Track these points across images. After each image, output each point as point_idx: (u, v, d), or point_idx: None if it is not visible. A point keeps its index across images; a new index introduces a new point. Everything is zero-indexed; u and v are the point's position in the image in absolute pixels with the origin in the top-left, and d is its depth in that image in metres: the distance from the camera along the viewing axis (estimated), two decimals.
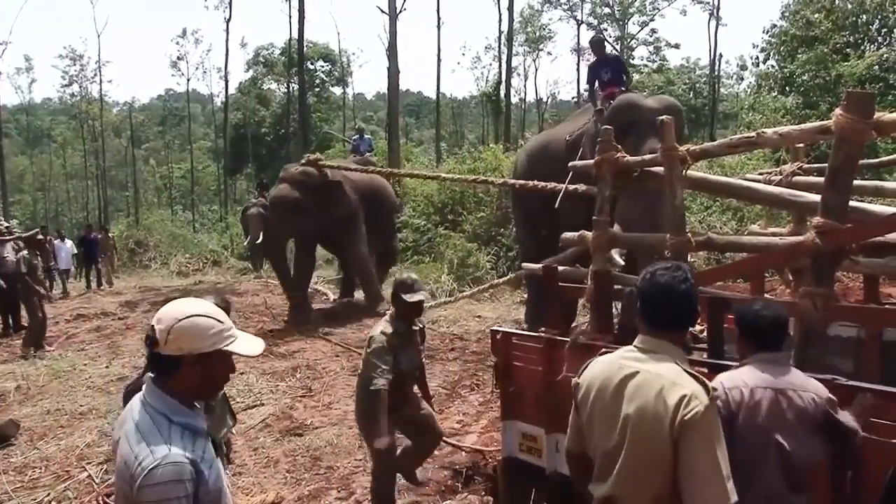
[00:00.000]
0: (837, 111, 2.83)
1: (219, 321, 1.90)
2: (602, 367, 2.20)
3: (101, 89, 46.28)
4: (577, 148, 7.35)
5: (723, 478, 1.93)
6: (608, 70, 8.50)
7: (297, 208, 10.93)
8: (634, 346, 2.17)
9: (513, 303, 11.69)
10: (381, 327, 4.26)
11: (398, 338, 4.23)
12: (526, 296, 9.59)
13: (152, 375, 1.92)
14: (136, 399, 1.93)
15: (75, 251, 18.38)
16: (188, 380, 1.86)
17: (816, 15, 20.92)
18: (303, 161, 11.27)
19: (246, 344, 1.95)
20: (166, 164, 50.63)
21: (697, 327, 6.37)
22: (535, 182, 7.51)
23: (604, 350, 2.48)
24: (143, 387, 1.94)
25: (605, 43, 9.74)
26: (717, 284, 4.25)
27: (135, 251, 22.95)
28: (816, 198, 3.05)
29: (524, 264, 5.53)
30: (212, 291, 11.44)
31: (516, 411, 4.22)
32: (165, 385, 1.86)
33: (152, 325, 1.86)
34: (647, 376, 2.06)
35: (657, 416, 1.98)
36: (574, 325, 7.36)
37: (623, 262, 5.12)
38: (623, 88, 8.16)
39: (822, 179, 3.16)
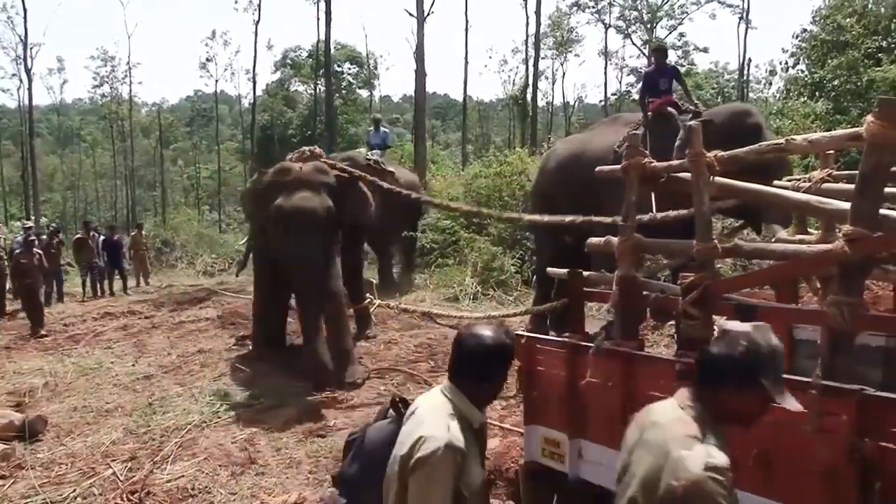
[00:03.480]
0: (869, 118, 2.78)
1: None
2: None
3: (130, 90, 46.91)
4: None
5: None
6: (666, 80, 8.57)
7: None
8: None
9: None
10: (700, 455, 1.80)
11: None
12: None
13: None
14: None
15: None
16: None
17: (848, 20, 20.59)
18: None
19: None
20: (194, 164, 51.07)
21: None
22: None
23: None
24: None
25: (668, 52, 9.85)
26: (742, 291, 4.19)
27: (161, 250, 23.16)
28: (846, 205, 3.01)
29: (550, 270, 5.48)
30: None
31: (539, 416, 4.20)
32: None
33: None
34: None
35: None
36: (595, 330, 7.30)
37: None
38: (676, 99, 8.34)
39: (851, 186, 3.12)
